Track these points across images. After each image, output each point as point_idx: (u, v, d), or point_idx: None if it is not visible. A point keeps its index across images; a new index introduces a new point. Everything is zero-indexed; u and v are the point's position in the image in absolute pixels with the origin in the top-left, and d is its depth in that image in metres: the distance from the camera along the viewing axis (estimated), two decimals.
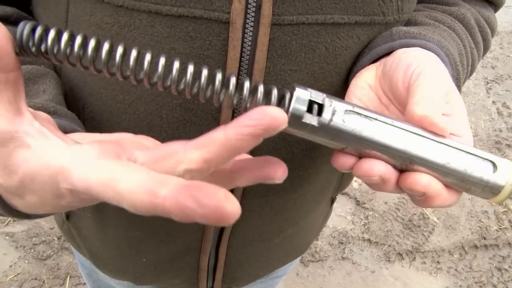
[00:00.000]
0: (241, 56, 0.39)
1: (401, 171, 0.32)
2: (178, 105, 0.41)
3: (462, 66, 0.46)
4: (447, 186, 0.32)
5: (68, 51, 0.26)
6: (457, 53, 0.44)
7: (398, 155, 0.30)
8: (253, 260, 0.62)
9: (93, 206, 0.54)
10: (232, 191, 0.48)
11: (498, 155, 2.47)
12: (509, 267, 1.97)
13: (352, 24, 0.41)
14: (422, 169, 0.31)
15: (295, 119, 0.29)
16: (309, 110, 0.29)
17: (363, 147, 0.30)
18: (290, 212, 0.55)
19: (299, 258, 0.80)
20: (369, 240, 1.98)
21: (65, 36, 0.26)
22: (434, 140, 0.31)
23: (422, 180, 0.30)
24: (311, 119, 0.29)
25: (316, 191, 0.56)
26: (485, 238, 2.06)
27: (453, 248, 2.01)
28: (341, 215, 2.06)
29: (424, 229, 2.06)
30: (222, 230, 0.54)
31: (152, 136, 0.43)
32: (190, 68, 0.28)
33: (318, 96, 0.29)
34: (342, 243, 1.96)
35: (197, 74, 0.28)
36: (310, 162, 0.49)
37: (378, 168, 0.30)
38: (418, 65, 0.35)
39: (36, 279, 1.65)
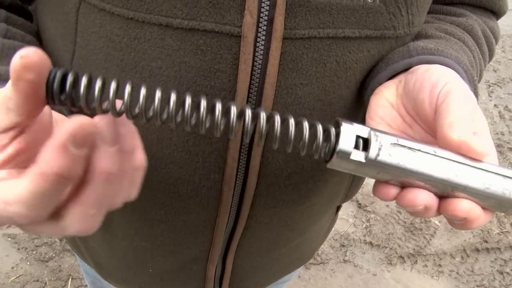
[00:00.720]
0: (252, 70, 0.39)
1: (441, 197, 0.32)
2: None
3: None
4: (484, 208, 0.32)
5: (101, 98, 0.25)
6: (469, 65, 0.44)
7: (441, 184, 0.31)
8: (260, 269, 0.62)
9: None
10: (240, 204, 0.48)
11: (500, 158, 2.46)
12: (511, 270, 1.97)
13: (363, 38, 0.40)
14: (463, 195, 0.31)
15: (342, 156, 0.29)
16: (356, 145, 0.29)
17: (408, 178, 0.31)
18: (297, 223, 0.55)
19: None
20: (370, 243, 1.98)
21: (98, 83, 0.25)
22: (474, 167, 0.31)
23: (464, 206, 0.31)
24: (359, 156, 0.29)
25: (324, 202, 0.56)
26: (486, 242, 2.06)
27: (455, 251, 2.01)
28: (343, 217, 2.06)
29: (426, 232, 2.06)
30: (230, 240, 0.54)
31: (161, 149, 0.43)
32: (248, 112, 0.27)
33: (363, 131, 0.29)
34: (343, 245, 1.96)
35: (241, 115, 0.28)
36: (319, 174, 0.49)
37: (422, 198, 0.31)
38: (444, 85, 0.35)
39: (38, 280, 1.65)
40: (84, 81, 0.25)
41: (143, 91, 0.26)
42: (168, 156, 0.43)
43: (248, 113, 0.27)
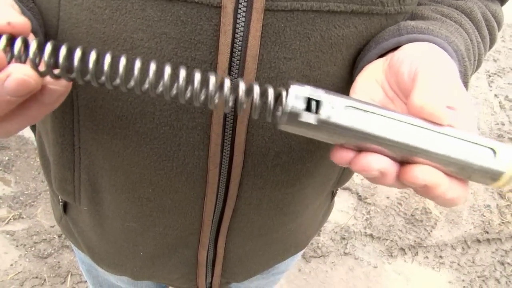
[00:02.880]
0: (233, 42, 0.38)
1: (402, 163, 0.31)
2: None
3: (470, 61, 0.45)
4: (449, 175, 0.31)
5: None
6: (464, 48, 0.43)
7: (398, 148, 0.30)
8: (252, 255, 0.61)
9: (89, 198, 0.54)
10: (228, 184, 0.48)
11: None
12: None
13: (349, 12, 0.40)
14: (423, 160, 0.30)
15: (292, 117, 0.28)
16: (307, 107, 0.29)
17: (363, 142, 0.30)
18: (289, 206, 0.54)
19: (300, 253, 0.79)
20: (371, 235, 1.97)
21: (78, 53, 0.28)
22: (434, 131, 0.30)
23: (422, 172, 0.30)
24: (309, 117, 0.29)
25: (316, 185, 0.55)
26: (487, 232, 2.05)
27: (456, 242, 2.00)
28: (343, 210, 2.05)
29: (427, 223, 2.05)
30: (220, 223, 0.53)
31: (145, 124, 0.43)
32: (182, 73, 0.28)
33: (315, 93, 0.29)
34: (344, 238, 1.95)
35: (189, 78, 0.29)
36: (308, 155, 0.48)
37: (377, 162, 0.30)
38: (424, 58, 0.34)
39: (37, 277, 1.64)
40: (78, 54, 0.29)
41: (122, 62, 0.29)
42: (151, 131, 0.43)
43: (198, 77, 0.29)
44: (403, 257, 1.92)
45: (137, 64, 0.30)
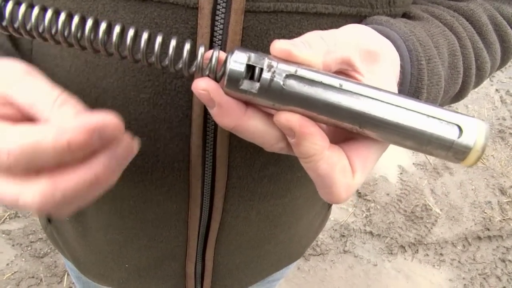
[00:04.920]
0: (211, 47, 0.36)
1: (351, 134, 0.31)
2: (146, 99, 0.38)
3: (454, 68, 0.42)
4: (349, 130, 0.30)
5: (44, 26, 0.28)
6: (447, 52, 0.41)
7: (346, 117, 0.28)
8: (243, 267, 0.59)
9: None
10: (212, 196, 0.45)
11: (502, 144, 2.43)
12: None
13: (337, 15, 0.37)
14: (373, 133, 0.29)
15: (232, 84, 0.27)
16: (252, 74, 0.28)
17: (308, 110, 0.28)
18: (280, 218, 0.52)
19: (296, 261, 0.77)
20: (371, 233, 1.96)
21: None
22: (388, 103, 0.28)
23: (286, 115, 0.28)
24: (249, 85, 0.28)
25: (308, 195, 0.53)
26: (488, 229, 2.03)
27: (456, 239, 1.98)
28: (342, 207, 2.03)
29: (427, 220, 2.03)
30: (207, 236, 0.51)
31: None
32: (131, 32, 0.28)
33: (258, 60, 0.28)
34: (343, 236, 1.93)
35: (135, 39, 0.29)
36: (298, 164, 0.45)
37: (202, 82, 0.28)
38: (343, 28, 0.33)
39: (33, 277, 1.63)
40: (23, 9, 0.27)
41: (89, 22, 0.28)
42: None
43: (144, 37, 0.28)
44: (403, 254, 1.91)
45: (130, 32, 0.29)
